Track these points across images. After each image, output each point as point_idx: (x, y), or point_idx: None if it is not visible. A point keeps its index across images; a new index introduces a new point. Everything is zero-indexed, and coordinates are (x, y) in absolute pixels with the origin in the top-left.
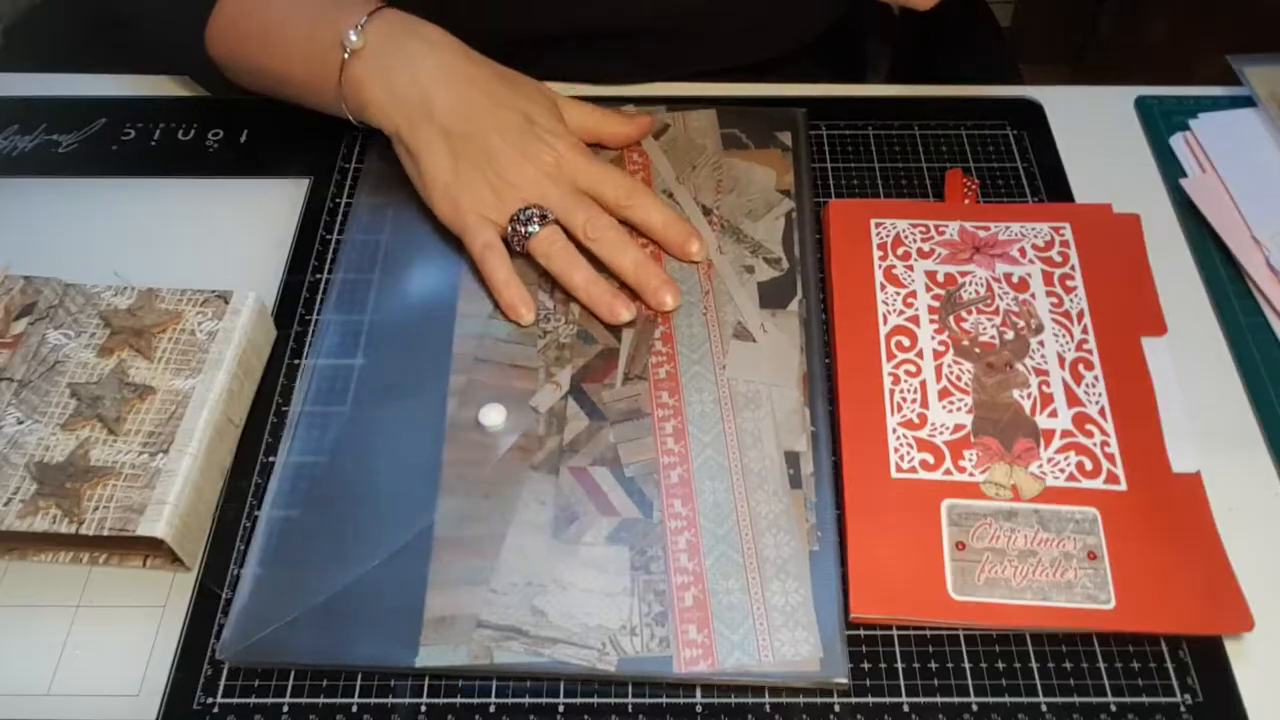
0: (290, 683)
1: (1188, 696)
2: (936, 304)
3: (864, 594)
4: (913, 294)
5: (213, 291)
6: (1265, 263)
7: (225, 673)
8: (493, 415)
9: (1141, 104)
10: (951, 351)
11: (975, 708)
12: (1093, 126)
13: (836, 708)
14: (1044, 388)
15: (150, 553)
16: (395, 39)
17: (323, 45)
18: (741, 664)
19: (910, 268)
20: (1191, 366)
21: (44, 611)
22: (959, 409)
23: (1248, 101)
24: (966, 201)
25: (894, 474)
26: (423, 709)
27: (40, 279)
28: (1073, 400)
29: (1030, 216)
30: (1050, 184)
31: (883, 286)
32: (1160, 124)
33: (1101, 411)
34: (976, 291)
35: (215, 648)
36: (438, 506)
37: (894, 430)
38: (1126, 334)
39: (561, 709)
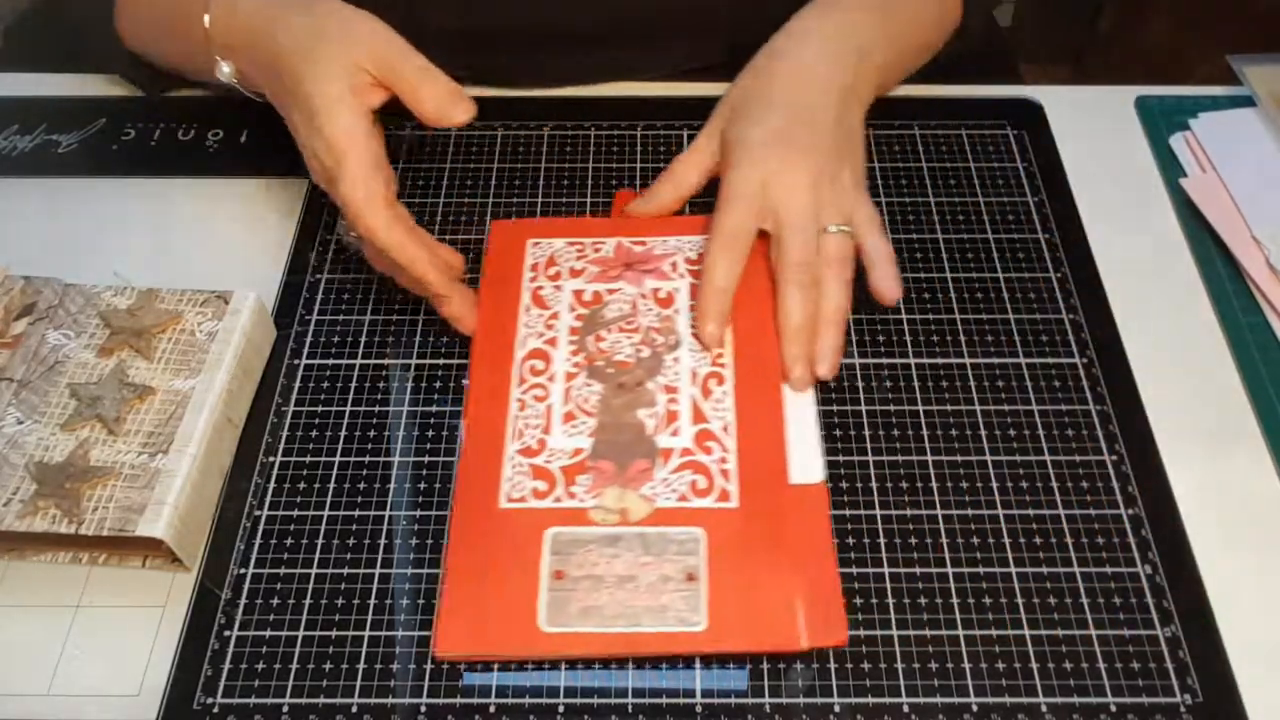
0: (290, 683)
1: (1188, 696)
2: (579, 324)
3: (450, 632)
4: (555, 315)
5: (212, 292)
6: (1265, 263)
7: (225, 673)
8: None
9: (1141, 104)
10: (584, 373)
11: (975, 708)
12: (1093, 126)
13: (836, 708)
14: (671, 405)
15: (150, 553)
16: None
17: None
18: None
19: (559, 288)
20: (1191, 366)
21: (44, 611)
22: (581, 432)
23: (1248, 101)
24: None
25: (503, 504)
26: (422, 709)
27: (40, 279)
28: (698, 417)
29: (689, 229)
30: (1050, 184)
31: (527, 309)
32: (1160, 124)
33: (725, 427)
34: (620, 309)
35: (214, 646)
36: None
37: (511, 458)
38: (767, 343)
39: (561, 709)
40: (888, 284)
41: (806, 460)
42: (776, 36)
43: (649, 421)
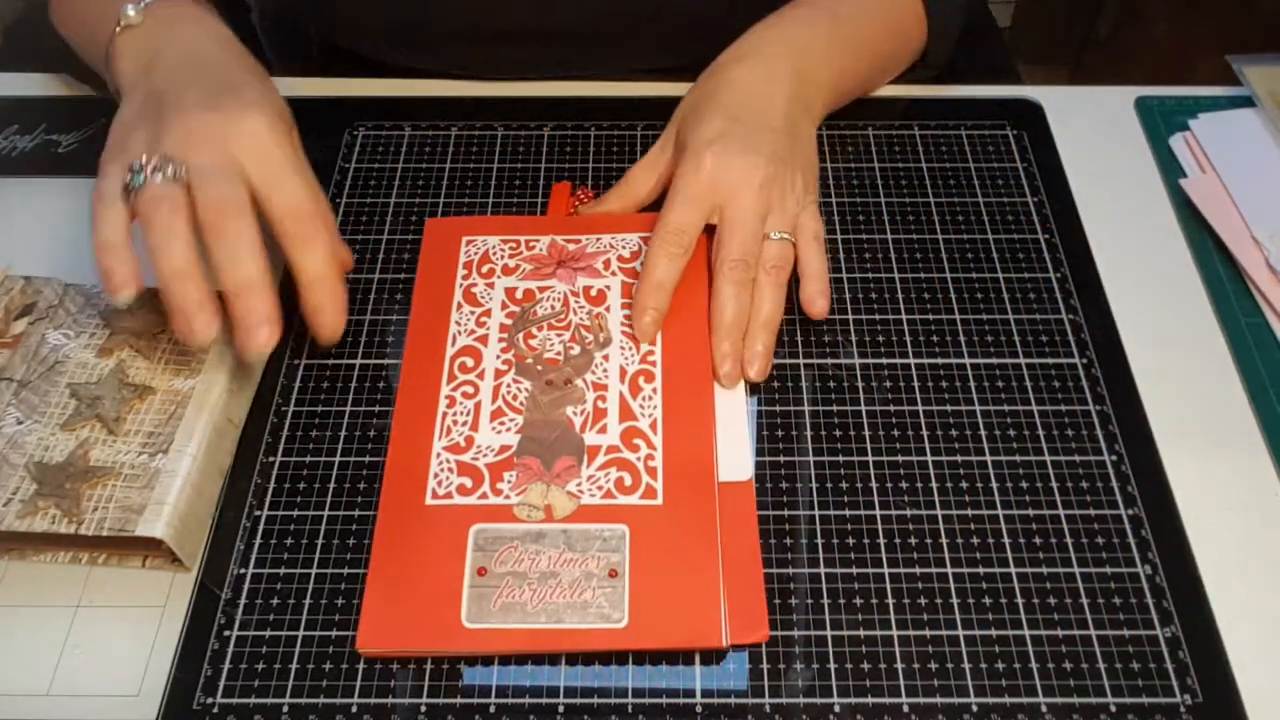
0: (290, 683)
1: (1188, 696)
2: (510, 322)
3: (373, 629)
4: (487, 312)
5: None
6: (1265, 263)
7: (225, 673)
8: None
9: (1141, 104)
10: (513, 370)
11: (975, 708)
12: (1093, 126)
13: (836, 708)
14: (600, 403)
15: (150, 553)
16: (170, 23)
17: (103, 16)
18: None
19: (491, 285)
20: (1191, 366)
21: (44, 611)
22: (508, 429)
23: (1248, 101)
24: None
25: (429, 501)
26: (423, 709)
27: (40, 279)
28: (626, 414)
29: (623, 227)
30: (1050, 184)
31: (459, 306)
32: (1160, 124)
33: (653, 425)
34: (552, 307)
35: (214, 646)
36: None
37: (438, 455)
38: (698, 342)
39: (561, 709)
40: (817, 300)
41: (736, 458)
42: (732, 45)
43: (576, 419)
